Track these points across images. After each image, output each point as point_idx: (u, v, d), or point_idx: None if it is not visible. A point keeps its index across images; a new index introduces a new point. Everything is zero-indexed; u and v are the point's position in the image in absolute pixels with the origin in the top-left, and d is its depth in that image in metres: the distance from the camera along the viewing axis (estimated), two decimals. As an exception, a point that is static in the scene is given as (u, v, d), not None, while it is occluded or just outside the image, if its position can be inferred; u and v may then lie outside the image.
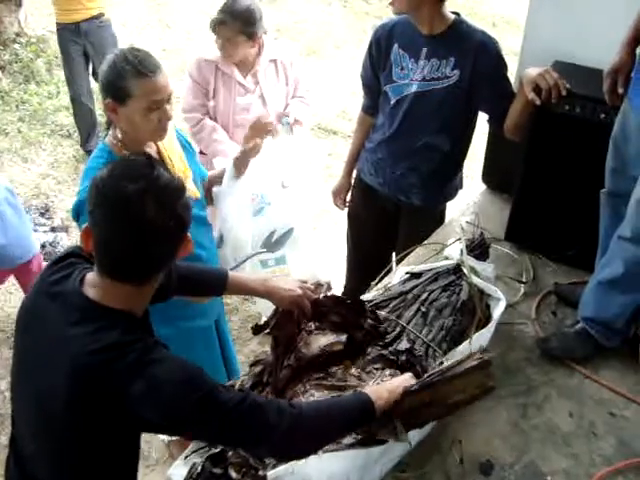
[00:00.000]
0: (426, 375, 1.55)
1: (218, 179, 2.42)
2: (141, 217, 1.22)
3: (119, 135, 1.93)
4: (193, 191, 2.08)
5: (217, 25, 2.92)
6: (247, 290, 1.81)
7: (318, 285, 1.85)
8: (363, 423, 1.47)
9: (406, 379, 1.55)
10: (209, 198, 2.38)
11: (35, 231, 4.17)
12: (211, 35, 3.01)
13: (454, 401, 1.56)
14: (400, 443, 1.53)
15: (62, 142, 5.08)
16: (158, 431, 1.33)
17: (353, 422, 1.45)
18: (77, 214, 1.89)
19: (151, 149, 2.01)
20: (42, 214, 4.37)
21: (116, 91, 1.83)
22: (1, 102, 5.32)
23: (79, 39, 4.59)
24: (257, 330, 1.79)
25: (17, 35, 5.73)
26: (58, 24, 4.62)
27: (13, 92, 5.41)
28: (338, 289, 2.38)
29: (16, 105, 5.33)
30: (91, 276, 1.33)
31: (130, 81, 1.81)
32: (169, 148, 2.07)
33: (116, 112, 1.87)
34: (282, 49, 3.18)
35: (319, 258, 3.29)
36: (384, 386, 1.54)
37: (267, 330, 1.77)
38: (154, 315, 1.45)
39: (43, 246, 4.06)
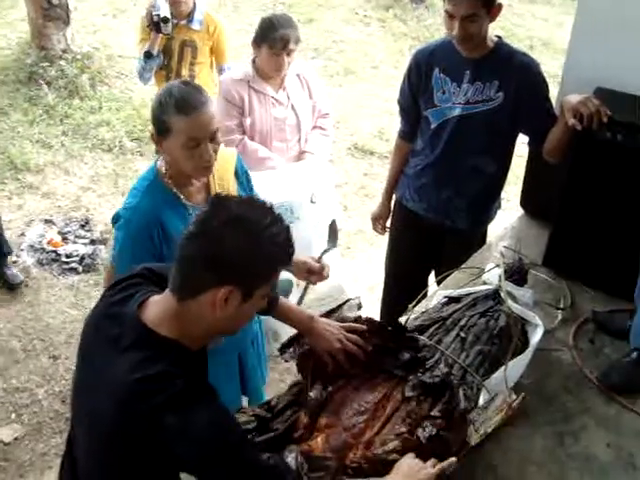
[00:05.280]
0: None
1: None
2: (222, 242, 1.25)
3: (163, 166, 1.94)
4: None
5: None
6: (291, 320, 1.77)
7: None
8: None
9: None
10: None
11: (75, 243, 4.29)
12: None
13: None
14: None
15: (103, 156, 5.18)
16: (187, 470, 1.33)
17: None
18: (115, 221, 1.96)
19: (198, 182, 1.98)
20: (82, 226, 4.46)
21: (158, 124, 1.83)
22: (46, 116, 5.45)
23: None
24: (282, 350, 1.80)
25: (63, 52, 5.86)
26: None
27: (58, 107, 5.53)
28: (368, 309, 2.37)
29: (60, 119, 5.45)
30: (153, 300, 1.34)
31: (170, 116, 1.79)
32: (220, 184, 2.04)
33: (160, 145, 1.87)
34: (302, 63, 3.25)
35: (348, 277, 3.29)
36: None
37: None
38: None
39: (82, 258, 4.16)
